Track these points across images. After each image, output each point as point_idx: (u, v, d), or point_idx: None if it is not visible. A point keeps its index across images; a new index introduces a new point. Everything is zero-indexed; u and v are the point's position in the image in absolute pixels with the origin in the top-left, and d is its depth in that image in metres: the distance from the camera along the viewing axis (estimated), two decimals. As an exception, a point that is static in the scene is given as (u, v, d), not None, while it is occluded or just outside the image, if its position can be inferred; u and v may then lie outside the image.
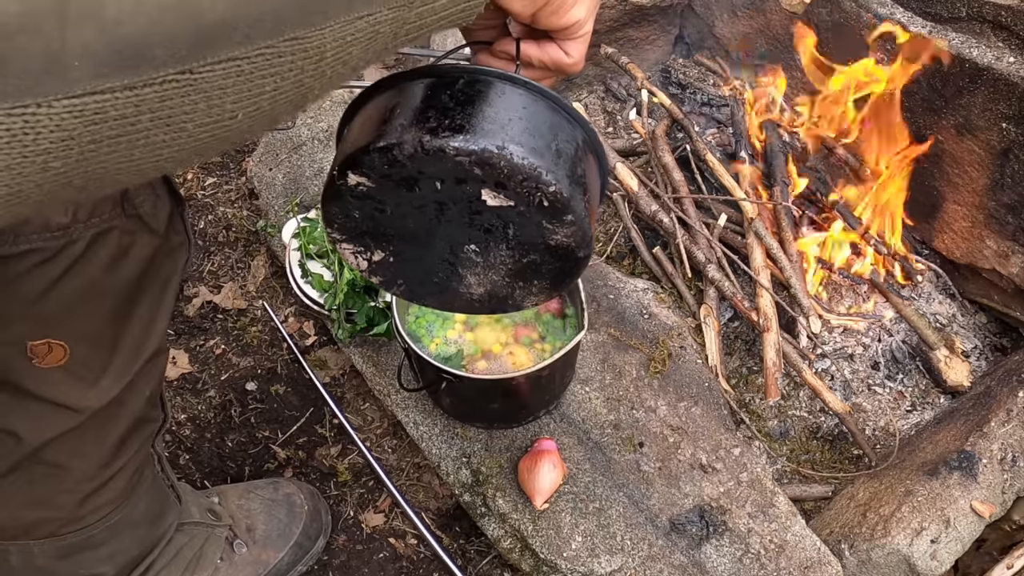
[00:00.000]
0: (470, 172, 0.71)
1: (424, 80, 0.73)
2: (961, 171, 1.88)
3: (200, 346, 1.91)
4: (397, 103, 0.73)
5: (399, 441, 1.75)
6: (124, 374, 1.04)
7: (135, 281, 0.99)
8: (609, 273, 1.87)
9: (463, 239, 0.78)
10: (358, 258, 0.83)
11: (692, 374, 1.71)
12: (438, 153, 0.69)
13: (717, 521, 1.50)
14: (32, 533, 1.13)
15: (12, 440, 1.03)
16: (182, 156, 0.51)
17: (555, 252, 0.79)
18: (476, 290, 0.85)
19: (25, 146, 0.44)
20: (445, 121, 0.69)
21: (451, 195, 0.74)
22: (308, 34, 0.49)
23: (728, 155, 2.14)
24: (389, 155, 0.70)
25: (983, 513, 1.51)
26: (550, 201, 0.73)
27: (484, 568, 1.60)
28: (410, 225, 0.77)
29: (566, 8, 0.72)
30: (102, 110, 0.45)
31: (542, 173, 0.71)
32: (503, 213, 0.75)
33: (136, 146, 0.48)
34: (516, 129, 0.71)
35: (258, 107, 0.51)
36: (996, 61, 1.73)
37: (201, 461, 1.74)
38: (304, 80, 0.52)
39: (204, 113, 0.48)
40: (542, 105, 0.74)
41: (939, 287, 2.04)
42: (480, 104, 0.71)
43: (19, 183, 0.45)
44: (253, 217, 2.12)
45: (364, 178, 0.73)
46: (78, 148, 0.46)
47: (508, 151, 0.69)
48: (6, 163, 0.44)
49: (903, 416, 1.85)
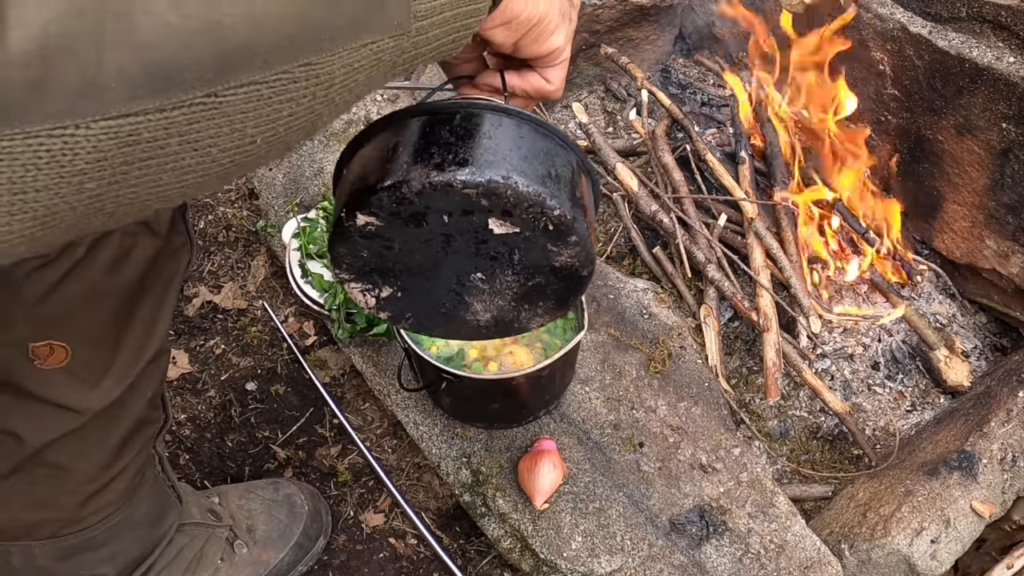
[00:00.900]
0: (477, 203, 0.72)
1: (420, 118, 0.75)
2: (961, 171, 1.88)
3: (200, 346, 1.91)
4: (397, 142, 0.75)
5: (399, 441, 1.75)
6: (126, 375, 1.05)
7: (137, 283, 0.99)
8: (609, 273, 1.87)
9: (469, 268, 0.80)
10: (366, 296, 0.84)
11: (692, 374, 1.71)
12: (446, 187, 0.71)
13: (717, 521, 1.50)
14: (33, 534, 1.13)
15: (14, 441, 1.03)
16: (204, 182, 0.52)
17: (559, 273, 0.81)
18: (482, 316, 0.86)
19: (63, 167, 0.45)
20: (449, 156, 0.71)
21: (458, 227, 0.75)
22: (320, 60, 0.52)
23: (728, 155, 2.14)
24: (397, 193, 0.72)
25: (983, 513, 1.51)
26: (555, 225, 0.75)
27: (484, 568, 1.61)
28: (417, 259, 0.79)
29: (545, 36, 0.75)
30: (136, 131, 0.46)
31: (546, 199, 0.73)
32: (509, 240, 0.77)
33: (164, 170, 0.49)
34: (517, 158, 0.73)
35: (275, 132, 0.53)
36: (996, 61, 1.73)
37: (201, 461, 1.74)
38: (315, 106, 0.54)
39: (227, 137, 0.50)
40: (536, 133, 0.77)
41: (939, 287, 2.04)
42: (480, 137, 0.73)
43: (55, 204, 0.46)
44: (253, 217, 2.12)
45: (372, 218, 0.74)
46: (111, 170, 0.47)
47: (513, 180, 0.72)
48: (44, 183, 0.45)
49: (903, 416, 1.85)
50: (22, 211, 0.46)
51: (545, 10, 0.73)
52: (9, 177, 0.44)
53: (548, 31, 0.75)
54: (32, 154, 0.44)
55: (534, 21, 0.73)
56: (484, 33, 0.71)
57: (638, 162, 2.22)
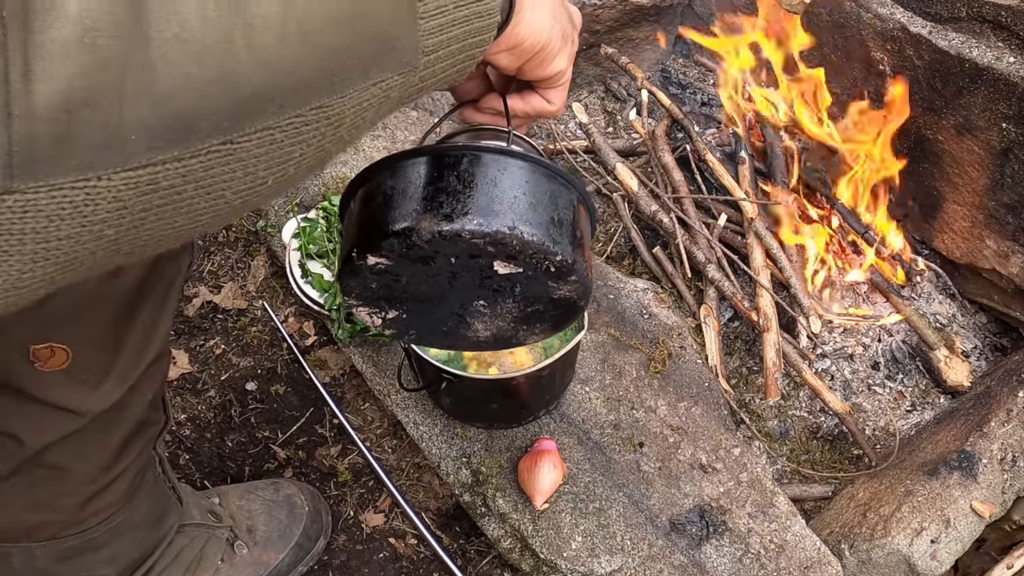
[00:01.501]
0: (484, 250, 0.76)
1: (427, 160, 0.78)
2: (961, 171, 1.88)
3: (200, 346, 1.91)
4: (405, 185, 0.77)
5: (399, 441, 1.75)
6: (126, 377, 1.04)
7: (138, 285, 0.99)
8: (609, 273, 1.87)
9: (472, 298, 0.83)
10: (373, 317, 0.87)
11: (692, 374, 1.71)
12: (455, 237, 0.74)
13: (717, 521, 1.50)
14: (34, 535, 1.13)
15: (13, 443, 1.03)
16: (217, 221, 0.53)
17: (558, 303, 0.84)
18: (483, 334, 0.89)
19: (84, 216, 0.46)
20: (458, 206, 0.74)
21: (464, 266, 0.78)
22: (331, 102, 0.53)
23: (728, 155, 2.14)
24: (407, 240, 0.75)
25: (983, 513, 1.51)
26: (556, 268, 0.79)
27: (484, 568, 1.61)
28: (423, 290, 0.82)
29: (549, 61, 0.77)
30: (154, 180, 0.47)
31: (549, 246, 0.76)
32: (512, 277, 0.80)
33: (180, 213, 0.50)
34: (523, 206, 0.76)
35: (285, 172, 0.54)
36: (996, 61, 1.73)
37: (201, 461, 1.74)
38: (325, 145, 0.55)
39: (240, 181, 0.51)
40: (540, 175, 0.79)
41: (939, 287, 2.04)
42: (486, 185, 0.76)
43: (76, 251, 0.48)
44: (253, 217, 2.12)
45: (383, 259, 0.77)
46: (130, 217, 0.48)
47: (519, 231, 0.75)
48: (67, 233, 0.46)
49: (903, 416, 1.85)
50: (44, 258, 0.47)
51: (548, 36, 0.75)
52: (33, 228, 0.45)
53: (551, 55, 0.77)
54: (56, 206, 0.45)
55: (538, 47, 0.74)
56: (489, 58, 0.73)
57: (638, 162, 2.22)
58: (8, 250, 0.45)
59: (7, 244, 0.45)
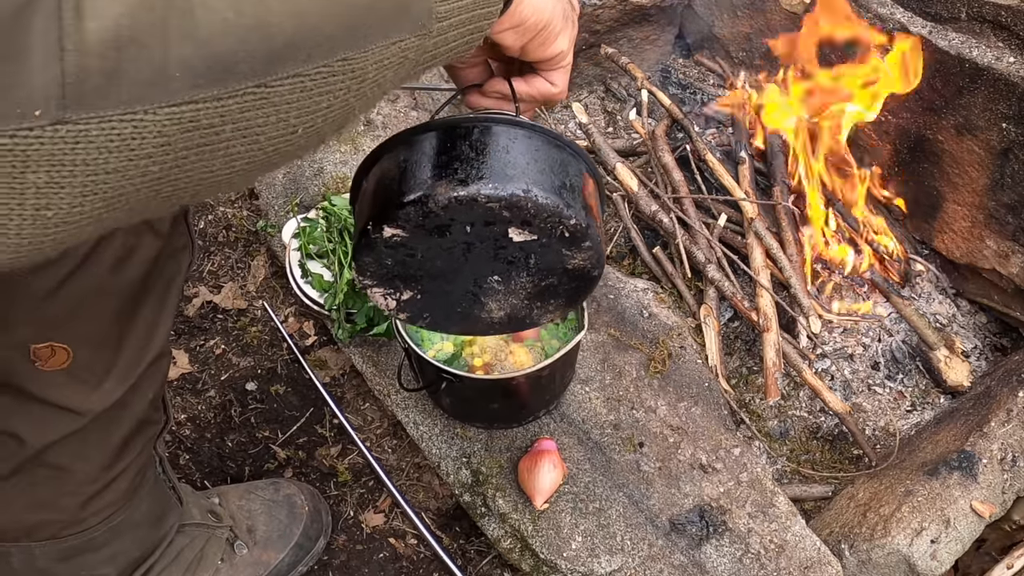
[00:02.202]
0: (499, 215, 0.77)
1: (439, 132, 0.79)
2: (961, 171, 1.88)
3: (200, 346, 1.91)
4: (419, 157, 0.78)
5: (399, 441, 1.75)
6: (127, 377, 1.05)
7: (139, 283, 0.99)
8: (609, 273, 1.87)
9: (487, 272, 0.84)
10: (387, 299, 0.88)
11: (692, 374, 1.71)
12: (470, 202, 0.75)
13: (717, 521, 1.50)
14: (34, 535, 1.13)
15: (14, 442, 1.03)
16: (249, 169, 0.57)
17: (572, 274, 0.85)
18: (496, 314, 0.90)
19: (131, 149, 0.49)
20: (472, 171, 0.76)
21: (479, 235, 0.79)
22: (355, 56, 0.57)
23: (728, 155, 2.14)
24: (424, 207, 0.76)
25: (983, 513, 1.51)
26: (571, 232, 0.79)
27: (484, 568, 1.61)
28: (438, 265, 0.83)
29: (551, 40, 0.79)
30: (196, 118, 0.50)
31: (563, 209, 0.78)
32: (526, 246, 0.81)
33: (217, 156, 0.53)
34: (535, 171, 0.77)
35: (314, 123, 0.57)
36: (996, 61, 1.73)
37: (201, 461, 1.74)
38: (349, 99, 0.58)
39: (273, 126, 0.55)
40: (549, 145, 0.81)
41: (939, 287, 2.04)
42: (499, 152, 0.77)
43: (122, 186, 0.50)
44: (253, 217, 2.12)
45: (399, 230, 0.78)
46: (173, 154, 0.51)
47: (533, 193, 0.76)
48: (114, 166, 0.49)
49: (903, 416, 1.85)
50: (93, 192, 0.49)
51: (551, 15, 0.77)
52: (84, 159, 0.48)
53: (553, 35, 0.79)
54: (105, 138, 0.48)
55: (541, 25, 0.77)
56: (494, 37, 0.75)
57: (638, 162, 2.22)
58: (60, 182, 0.48)
59: (59, 176, 0.48)
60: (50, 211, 0.49)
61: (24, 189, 0.47)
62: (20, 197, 0.48)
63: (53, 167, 0.47)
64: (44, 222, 0.49)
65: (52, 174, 0.47)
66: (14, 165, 0.46)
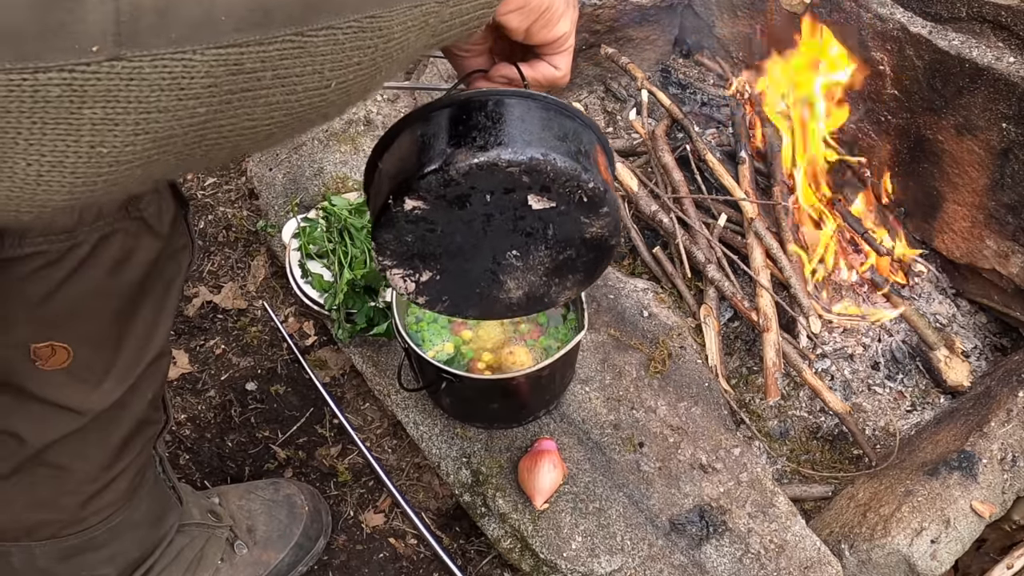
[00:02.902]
0: (519, 181, 0.78)
1: (451, 108, 0.80)
2: (961, 171, 1.88)
3: (200, 346, 1.91)
4: (435, 131, 0.80)
5: (399, 441, 1.75)
6: (127, 376, 1.05)
7: (139, 284, 0.99)
8: (609, 273, 1.87)
9: (506, 246, 0.85)
10: (407, 281, 0.88)
11: (692, 374, 1.71)
12: (491, 167, 0.76)
13: (717, 521, 1.50)
14: (34, 535, 1.13)
15: (15, 442, 1.03)
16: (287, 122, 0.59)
17: (590, 244, 0.87)
18: (515, 293, 0.91)
19: (182, 89, 0.51)
20: (490, 138, 0.77)
21: (499, 205, 0.80)
22: (382, 14, 0.59)
23: (728, 155, 2.14)
24: (445, 175, 0.76)
25: (983, 513, 1.51)
26: (589, 196, 0.81)
27: (484, 568, 1.61)
28: (458, 241, 0.84)
29: (554, 22, 0.81)
30: (240, 61, 0.53)
31: (581, 173, 0.79)
32: (545, 215, 0.82)
33: (258, 103, 0.56)
34: (551, 138, 0.79)
35: (345, 79, 0.59)
36: (996, 61, 1.73)
37: (201, 461, 1.74)
38: (377, 59, 0.61)
39: (309, 77, 0.57)
40: (562, 115, 0.82)
41: (939, 287, 2.04)
42: (514, 121, 0.79)
43: (171, 127, 0.52)
44: (253, 217, 2.12)
45: (420, 201, 0.79)
46: (218, 97, 0.53)
47: (552, 157, 0.77)
48: (165, 105, 0.51)
49: (903, 416, 1.85)
50: (144, 131, 0.51)
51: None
52: (137, 96, 0.50)
53: (556, 16, 0.81)
54: (158, 75, 0.50)
55: (544, 6, 0.78)
56: (500, 19, 0.77)
57: (638, 162, 2.22)
58: (114, 118, 0.50)
59: (114, 112, 0.50)
60: (104, 148, 0.50)
61: (80, 125, 0.49)
62: (76, 134, 0.49)
63: (108, 103, 0.49)
64: (98, 160, 0.51)
65: (107, 110, 0.49)
66: (72, 100, 0.48)
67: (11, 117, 0.48)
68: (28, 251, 0.88)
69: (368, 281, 1.72)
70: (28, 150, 0.49)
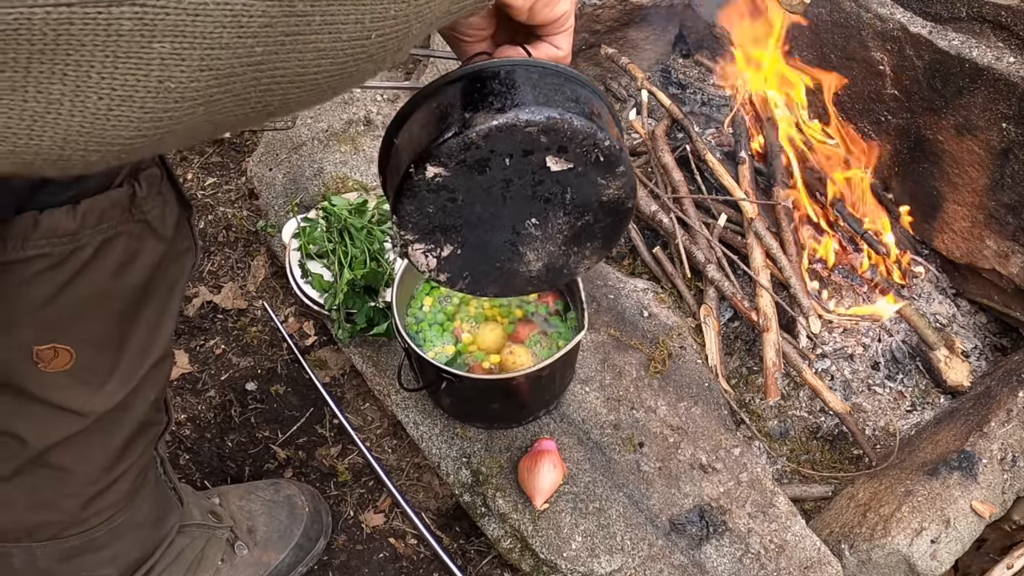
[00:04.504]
0: (537, 141, 0.80)
1: (464, 79, 0.82)
2: (961, 171, 1.88)
3: (200, 346, 1.91)
4: (451, 101, 0.82)
5: (399, 441, 1.75)
6: (129, 379, 1.05)
7: (142, 287, 0.99)
8: (609, 273, 1.87)
9: (525, 214, 0.87)
10: (428, 257, 0.89)
11: (692, 374, 1.71)
12: (510, 128, 0.78)
13: (717, 521, 1.51)
14: (35, 535, 1.13)
15: (17, 443, 1.03)
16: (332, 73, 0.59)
17: (607, 207, 0.88)
18: (535, 265, 0.93)
19: (241, 26, 0.52)
20: (507, 101, 0.79)
21: (517, 168, 0.82)
22: None
23: (728, 155, 2.14)
24: (465, 138, 0.78)
25: (983, 513, 1.51)
26: (605, 155, 0.83)
27: (484, 568, 1.61)
28: (478, 210, 0.85)
29: (556, 1, 0.82)
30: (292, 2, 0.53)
31: (596, 131, 0.81)
32: (563, 178, 0.84)
33: (308, 48, 0.56)
34: (564, 99, 0.81)
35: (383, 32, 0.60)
36: (996, 61, 1.73)
37: (201, 461, 1.74)
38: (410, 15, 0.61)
39: (353, 25, 0.57)
40: (573, 81, 0.84)
41: (939, 287, 2.04)
42: (528, 85, 0.81)
43: (232, 65, 0.53)
44: (253, 217, 2.12)
45: (441, 168, 0.80)
46: (274, 37, 0.54)
47: (568, 116, 0.79)
48: (227, 42, 0.52)
49: (903, 416, 1.85)
50: (208, 67, 0.52)
51: None
52: (202, 31, 0.50)
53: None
54: (220, 12, 0.50)
55: None
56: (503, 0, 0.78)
57: (638, 162, 2.22)
58: (181, 53, 0.51)
59: (181, 47, 0.50)
60: (172, 83, 0.51)
61: (150, 59, 0.50)
62: (147, 67, 0.50)
63: (176, 38, 0.50)
64: (165, 95, 0.52)
65: (175, 44, 0.50)
66: (143, 34, 0.49)
67: (85, 51, 0.48)
68: (31, 253, 0.88)
69: (368, 281, 1.72)
70: (100, 83, 0.50)
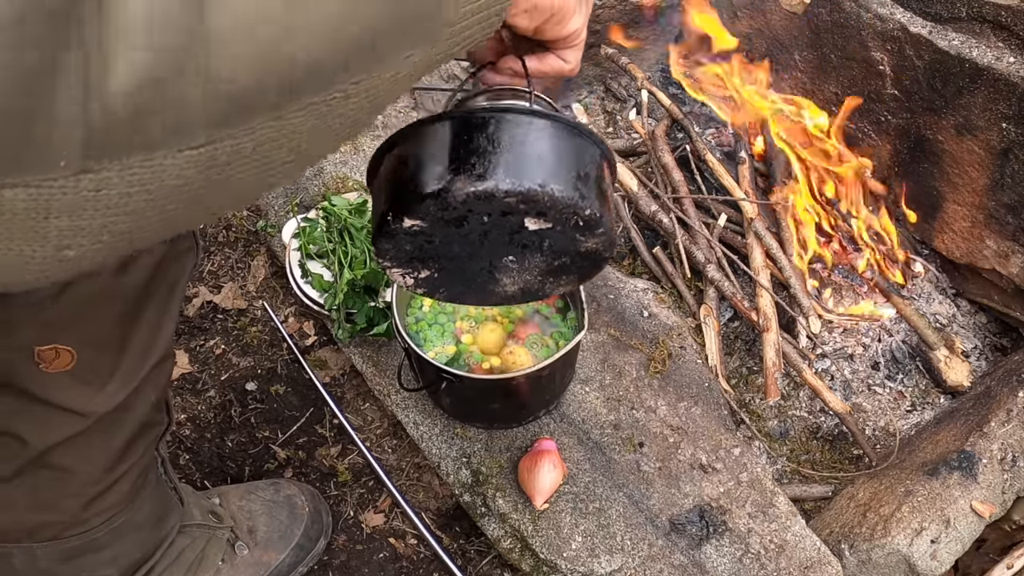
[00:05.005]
0: (516, 208, 0.78)
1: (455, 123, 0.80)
2: (961, 171, 1.88)
3: (200, 346, 1.91)
4: (437, 149, 0.80)
5: (399, 441, 1.75)
6: (131, 379, 1.04)
7: (143, 287, 0.99)
8: (609, 273, 1.87)
9: (502, 254, 0.86)
10: (406, 278, 0.90)
11: (692, 374, 1.71)
12: (488, 197, 0.77)
13: (717, 521, 1.51)
14: (36, 536, 1.13)
15: (17, 444, 1.03)
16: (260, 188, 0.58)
17: (584, 255, 0.88)
18: (510, 288, 0.93)
19: (150, 192, 0.50)
20: (489, 166, 0.77)
21: (496, 224, 0.81)
22: (369, 77, 0.56)
23: (728, 155, 2.14)
24: (443, 201, 0.77)
25: (983, 513, 1.52)
26: (584, 221, 0.81)
27: (484, 568, 1.61)
28: (455, 249, 0.85)
29: (566, 21, 0.79)
30: (213, 157, 0.51)
31: (578, 201, 0.80)
32: (541, 233, 0.83)
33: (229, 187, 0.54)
34: (551, 163, 0.79)
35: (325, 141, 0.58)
36: (996, 61, 1.73)
37: (201, 461, 1.74)
38: (360, 116, 0.58)
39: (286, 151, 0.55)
40: (565, 132, 0.82)
41: (939, 287, 2.04)
42: (515, 144, 0.79)
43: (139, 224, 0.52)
44: (253, 217, 2.12)
45: (418, 221, 0.80)
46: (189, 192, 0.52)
47: (549, 188, 0.78)
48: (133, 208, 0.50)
49: (903, 416, 1.85)
50: (111, 231, 0.51)
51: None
52: (105, 204, 0.49)
53: (568, 15, 0.79)
54: (126, 184, 0.49)
55: (556, 7, 0.77)
56: (508, 20, 0.75)
57: (638, 162, 2.23)
58: (81, 225, 0.49)
59: (80, 220, 0.49)
60: (71, 251, 0.50)
61: (46, 233, 0.49)
62: (43, 240, 0.49)
63: (75, 212, 0.48)
64: (64, 260, 0.51)
65: (74, 219, 0.49)
66: (38, 212, 0.47)
67: None
68: None
69: (368, 281, 1.72)
70: None
